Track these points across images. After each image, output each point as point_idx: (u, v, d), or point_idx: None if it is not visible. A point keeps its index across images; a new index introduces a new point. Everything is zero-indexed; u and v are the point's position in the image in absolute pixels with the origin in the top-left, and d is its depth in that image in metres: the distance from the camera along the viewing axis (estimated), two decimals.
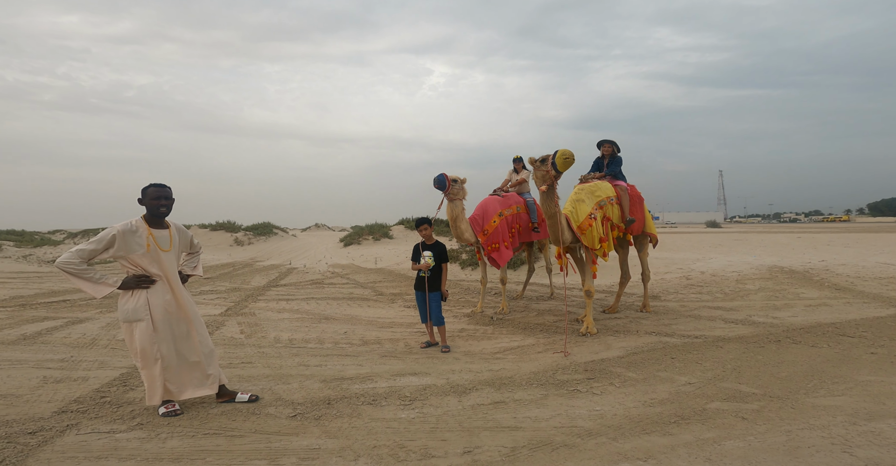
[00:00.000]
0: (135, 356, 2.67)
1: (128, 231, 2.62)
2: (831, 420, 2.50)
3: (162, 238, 2.74)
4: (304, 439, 2.43)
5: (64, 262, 2.51)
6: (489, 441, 2.37)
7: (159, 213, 2.75)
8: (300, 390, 3.16)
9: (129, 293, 2.65)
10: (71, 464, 2.08)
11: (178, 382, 2.73)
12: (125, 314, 2.64)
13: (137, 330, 2.63)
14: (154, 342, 2.64)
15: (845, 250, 11.98)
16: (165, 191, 2.77)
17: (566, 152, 4.09)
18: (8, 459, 2.09)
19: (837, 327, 4.68)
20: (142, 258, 2.65)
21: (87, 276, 2.54)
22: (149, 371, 2.64)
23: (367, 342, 4.62)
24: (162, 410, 2.69)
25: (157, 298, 2.69)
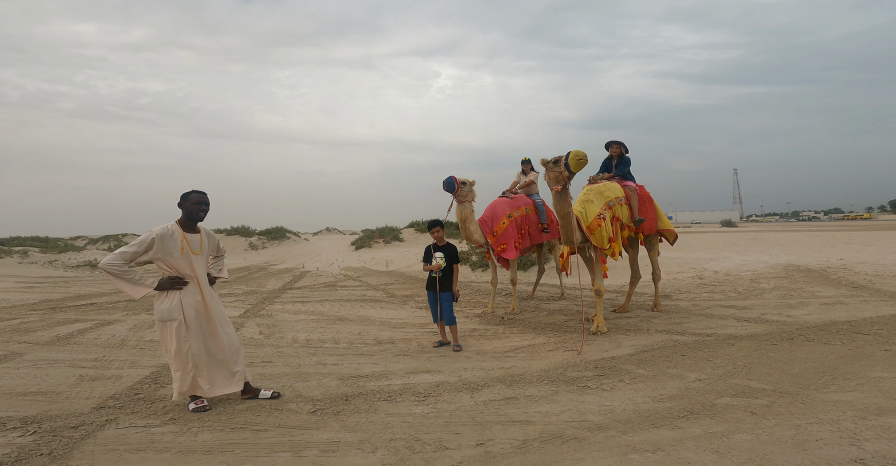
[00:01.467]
0: (168, 353, 2.84)
1: (165, 235, 2.79)
2: (841, 415, 2.53)
3: (194, 242, 2.91)
4: (324, 433, 2.55)
5: (108, 263, 2.69)
6: (501, 435, 2.46)
7: (198, 217, 2.93)
8: (319, 387, 3.29)
9: (164, 294, 2.82)
10: (113, 456, 2.24)
11: (208, 379, 2.88)
12: (160, 314, 2.80)
13: (171, 329, 2.79)
14: (186, 340, 2.81)
15: (865, 249, 11.72)
16: (205, 197, 2.96)
17: (579, 153, 4.15)
18: (55, 451, 2.26)
19: (852, 324, 4.64)
20: (176, 261, 2.82)
21: (128, 277, 2.72)
22: (181, 368, 2.80)
23: (380, 341, 4.75)
24: (192, 406, 2.85)
25: (189, 298, 2.85)
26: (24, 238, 25.12)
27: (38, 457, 2.17)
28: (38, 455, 2.20)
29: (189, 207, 2.90)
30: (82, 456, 2.21)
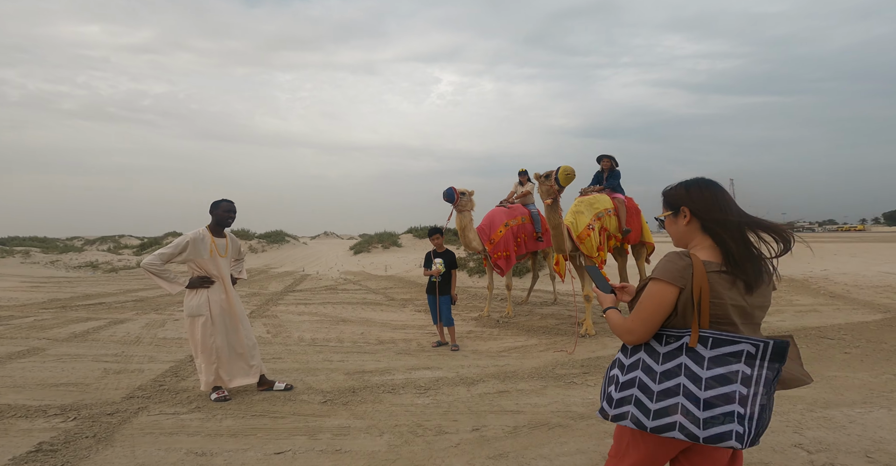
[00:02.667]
0: (195, 346, 3.13)
1: (197, 239, 3.11)
2: (791, 408, 2.87)
3: (221, 245, 3.22)
4: (335, 420, 2.85)
5: (149, 263, 3.00)
6: (494, 422, 2.77)
7: (227, 223, 3.25)
8: (327, 381, 3.59)
9: (194, 292, 3.13)
10: (150, 438, 2.52)
11: (229, 371, 3.18)
12: (189, 310, 3.11)
13: (199, 324, 3.10)
14: (212, 335, 3.11)
15: (851, 260, 12.10)
16: (234, 206, 3.28)
17: (567, 169, 4.53)
18: (98, 434, 2.54)
19: (820, 330, 5.00)
20: (205, 262, 3.13)
21: (165, 275, 3.03)
22: (206, 360, 3.10)
23: (382, 341, 5.05)
24: (213, 396, 3.14)
25: (215, 296, 3.16)
26: (23, 238, 25.22)
27: (84, 439, 2.45)
28: (84, 437, 2.48)
29: (220, 214, 3.22)
30: (123, 439, 2.50)
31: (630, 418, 1.29)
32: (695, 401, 1.22)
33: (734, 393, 1.20)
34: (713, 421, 1.19)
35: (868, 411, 2.82)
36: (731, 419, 1.18)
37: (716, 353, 1.24)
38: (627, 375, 1.36)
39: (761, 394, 1.20)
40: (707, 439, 1.19)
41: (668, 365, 1.29)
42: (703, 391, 1.22)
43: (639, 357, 1.35)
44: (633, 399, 1.30)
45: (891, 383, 3.35)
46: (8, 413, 2.80)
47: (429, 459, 2.33)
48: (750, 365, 1.21)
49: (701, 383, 1.23)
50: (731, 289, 1.26)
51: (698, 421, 1.20)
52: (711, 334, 1.24)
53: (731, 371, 1.22)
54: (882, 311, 6.00)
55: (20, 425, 2.64)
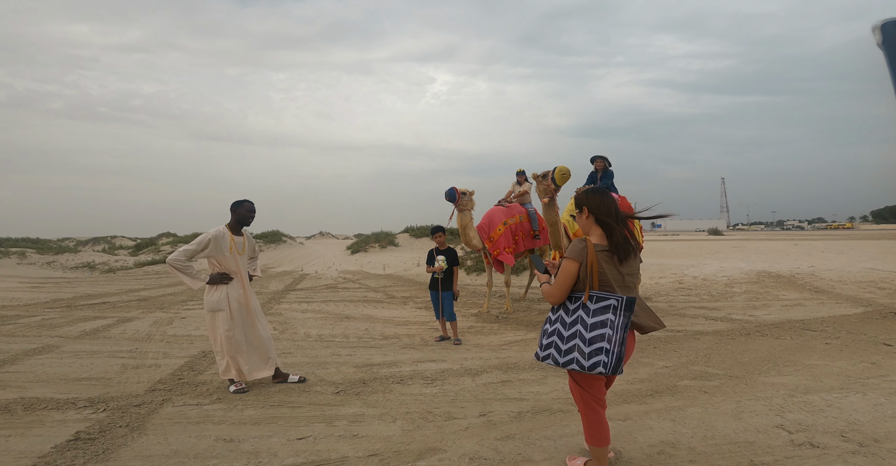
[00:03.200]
0: (214, 339, 3.29)
1: (219, 236, 3.26)
2: (774, 394, 3.09)
3: (239, 243, 3.38)
4: (349, 408, 3.03)
5: (174, 259, 3.15)
6: (499, 408, 2.97)
7: (247, 222, 3.42)
8: (337, 373, 3.76)
9: (213, 288, 3.28)
10: (179, 427, 2.68)
11: (248, 363, 3.34)
12: (210, 305, 3.26)
13: (218, 318, 3.25)
14: (231, 329, 3.27)
15: (838, 257, 12.46)
16: (254, 206, 3.44)
17: (563, 169, 4.75)
18: (131, 423, 2.69)
19: (804, 323, 5.25)
20: (225, 259, 3.29)
21: (189, 271, 3.18)
22: (226, 353, 3.26)
23: (386, 336, 5.22)
24: (232, 388, 3.30)
25: (234, 292, 3.32)
26: (16, 239, 25.01)
27: (119, 428, 2.60)
28: (118, 426, 2.63)
29: (242, 213, 3.38)
30: (154, 428, 2.66)
31: (551, 358, 1.91)
32: (584, 341, 1.83)
33: (605, 334, 1.81)
34: (593, 355, 1.81)
35: (844, 396, 3.04)
36: (601, 352, 1.80)
37: (597, 306, 1.86)
38: (552, 328, 1.96)
39: (619, 335, 1.81)
40: (588, 368, 1.81)
41: (573, 317, 1.90)
42: (588, 332, 1.84)
43: (559, 314, 1.96)
44: (553, 344, 1.92)
45: (867, 371, 3.59)
46: (39, 406, 2.94)
47: (441, 441, 2.51)
48: (615, 314, 1.83)
49: (587, 327, 1.84)
50: (610, 262, 1.90)
51: (585, 355, 1.82)
52: (596, 293, 1.87)
53: (604, 318, 1.83)
54: (864, 305, 6.28)
55: (54, 416, 2.79)
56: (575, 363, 1.85)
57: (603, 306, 1.85)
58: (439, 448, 2.43)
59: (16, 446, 2.37)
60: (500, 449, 2.39)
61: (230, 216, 3.40)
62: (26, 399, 3.05)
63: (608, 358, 1.80)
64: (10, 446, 2.38)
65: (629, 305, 1.83)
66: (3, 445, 2.39)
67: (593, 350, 1.81)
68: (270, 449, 2.42)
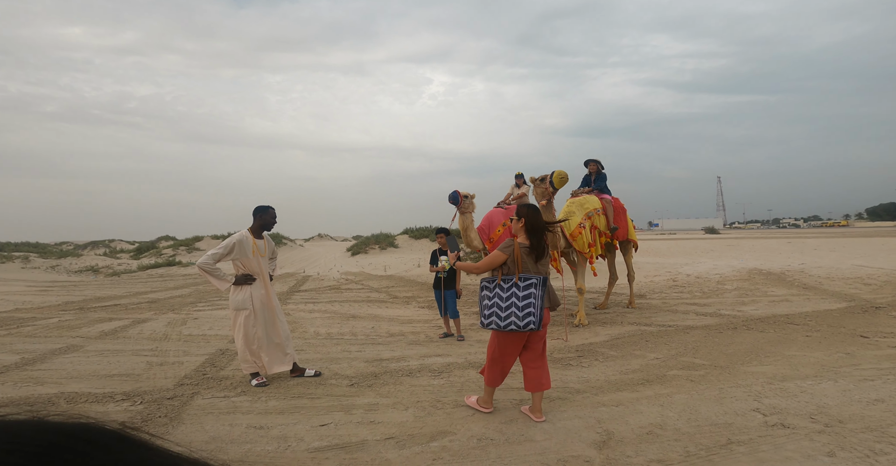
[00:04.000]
0: (238, 336, 3.54)
1: (243, 240, 3.52)
2: (753, 381, 3.37)
3: (260, 246, 3.64)
4: (364, 398, 3.28)
5: (203, 262, 3.40)
6: (503, 397, 3.23)
7: (270, 227, 3.68)
8: (349, 368, 4.02)
9: (238, 288, 3.53)
10: (212, 417, 2.92)
11: (268, 358, 3.59)
12: (235, 304, 3.51)
13: (242, 317, 3.50)
14: (254, 326, 3.52)
15: (829, 254, 12.78)
16: (275, 212, 3.69)
17: (561, 173, 5.02)
18: (168, 414, 2.93)
19: (788, 317, 5.55)
20: (249, 261, 3.54)
21: (217, 274, 3.43)
22: (248, 349, 3.51)
23: (392, 334, 5.48)
24: (254, 382, 3.55)
25: (257, 292, 3.57)
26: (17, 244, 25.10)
27: (159, 419, 2.85)
28: (158, 417, 2.88)
29: (266, 219, 3.64)
30: (190, 418, 2.90)
31: (493, 324, 2.72)
32: (518, 308, 2.66)
33: (532, 302, 2.65)
34: (525, 317, 2.64)
35: (818, 383, 3.33)
36: (531, 315, 2.64)
37: (525, 284, 2.69)
38: (490, 303, 2.76)
39: (540, 302, 2.66)
40: (523, 326, 2.65)
41: (508, 293, 2.71)
42: (521, 302, 2.67)
43: (495, 291, 2.77)
44: (494, 313, 2.72)
45: (841, 360, 3.87)
46: (80, 399, 3.18)
47: (450, 425, 2.77)
48: (536, 288, 2.67)
49: (520, 298, 2.67)
50: (529, 257, 2.78)
51: (520, 318, 2.64)
52: (523, 275, 2.71)
53: (530, 292, 2.67)
54: (848, 300, 6.58)
55: (96, 408, 3.03)
56: (513, 324, 2.67)
57: (528, 283, 2.70)
58: (449, 431, 2.69)
59: None
60: (504, 431, 2.66)
61: (253, 221, 3.65)
62: (66, 394, 3.29)
63: (535, 318, 2.66)
64: None
65: (545, 281, 2.75)
66: None
67: (525, 314, 2.66)
68: (297, 435, 2.67)
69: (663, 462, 2.24)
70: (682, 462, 2.24)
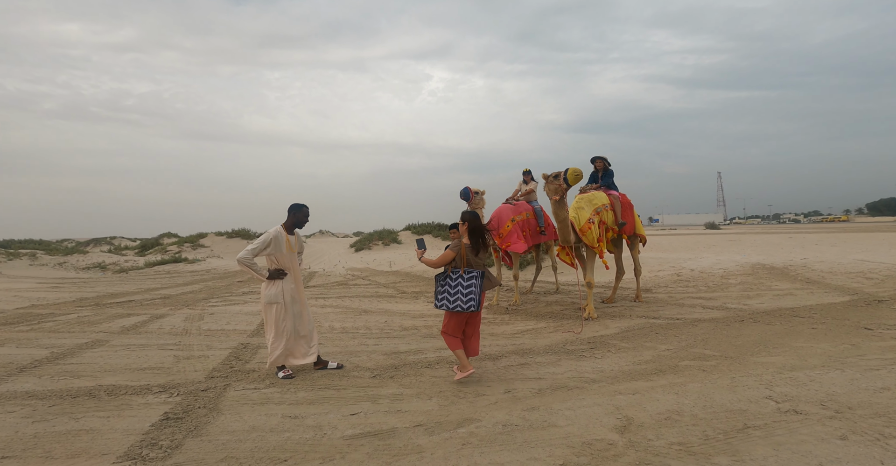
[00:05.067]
0: (269, 328, 3.66)
1: (278, 236, 3.64)
2: (764, 371, 3.49)
3: (292, 242, 3.77)
4: (388, 389, 3.41)
5: (243, 257, 3.52)
6: (521, 386, 3.36)
7: (302, 225, 3.82)
8: (369, 361, 4.14)
9: (271, 282, 3.66)
10: (247, 408, 3.04)
11: (295, 350, 3.72)
12: (267, 298, 3.64)
13: (274, 309, 3.63)
14: (284, 319, 3.64)
15: (831, 249, 12.87)
16: (309, 211, 3.84)
17: (576, 170, 5.14)
18: (206, 405, 3.05)
19: (793, 310, 5.67)
20: (282, 256, 3.67)
21: (255, 268, 3.56)
22: (278, 341, 3.63)
23: (406, 328, 5.60)
24: (281, 374, 3.67)
25: (287, 286, 3.70)
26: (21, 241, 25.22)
27: (198, 409, 2.97)
28: (197, 407, 3.00)
29: (300, 217, 3.78)
30: (227, 408, 3.02)
31: (444, 306, 3.46)
32: (463, 294, 3.42)
33: (472, 291, 3.41)
34: (468, 301, 3.40)
35: (826, 372, 3.45)
36: (472, 299, 3.40)
37: (469, 276, 3.45)
38: (441, 290, 3.51)
39: (479, 290, 3.41)
40: (466, 309, 3.41)
41: (455, 283, 3.46)
42: (465, 290, 3.43)
43: (445, 281, 3.50)
44: (444, 298, 3.47)
45: (847, 351, 4.00)
46: (120, 392, 3.31)
47: (475, 413, 2.90)
48: (478, 278, 3.44)
49: (464, 287, 3.43)
50: (472, 253, 3.49)
51: (464, 302, 3.41)
52: (468, 269, 3.47)
53: (472, 282, 3.43)
54: (851, 294, 6.70)
55: (137, 400, 3.15)
56: (458, 307, 3.42)
57: (471, 275, 3.46)
58: (475, 418, 2.82)
59: (119, 425, 2.74)
60: (527, 418, 2.78)
61: (287, 217, 3.79)
62: (104, 386, 3.42)
63: (475, 302, 3.42)
64: (113, 425, 2.75)
65: (483, 274, 3.50)
66: (108, 424, 2.76)
67: (468, 299, 3.42)
68: (330, 423, 2.80)
69: (684, 444, 2.37)
70: (702, 444, 2.36)
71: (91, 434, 2.64)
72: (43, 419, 2.86)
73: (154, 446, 2.47)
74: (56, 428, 2.72)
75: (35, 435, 2.63)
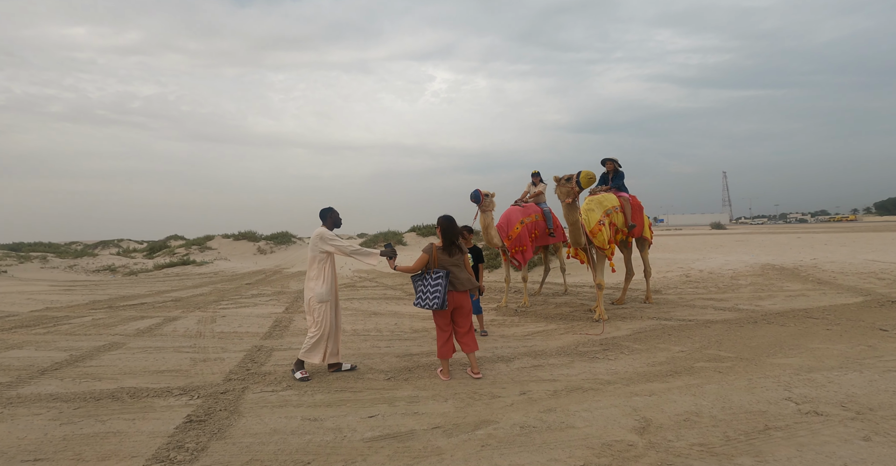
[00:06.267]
0: (318, 326, 3.73)
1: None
2: (781, 372, 3.48)
3: None
4: (403, 391, 3.43)
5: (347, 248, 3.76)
6: (536, 388, 3.36)
7: (340, 225, 3.96)
8: (383, 363, 4.17)
9: (324, 281, 3.78)
10: (266, 410, 3.07)
11: (333, 349, 3.83)
12: (319, 297, 3.75)
13: (325, 307, 3.74)
14: (331, 318, 3.75)
15: (840, 249, 12.75)
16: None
17: (589, 173, 5.15)
18: (227, 408, 3.08)
19: (807, 311, 5.64)
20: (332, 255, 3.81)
21: (363, 252, 3.79)
22: (324, 338, 3.72)
23: (416, 330, 5.63)
24: (298, 375, 3.71)
25: (334, 286, 3.83)
26: (31, 244, 25.51)
27: (220, 412, 3.00)
28: (219, 410, 3.03)
29: (336, 217, 3.93)
30: (247, 411, 3.05)
31: (418, 304, 3.70)
32: (431, 294, 3.63)
33: (438, 290, 3.61)
34: (434, 299, 3.61)
35: (844, 373, 3.43)
36: (437, 298, 3.59)
37: (436, 276, 3.65)
38: (418, 289, 3.74)
39: (444, 289, 3.61)
40: (433, 306, 3.61)
41: (426, 283, 3.69)
42: (432, 289, 3.64)
43: (419, 282, 3.75)
44: (419, 297, 3.71)
45: (864, 352, 3.97)
46: (142, 394, 3.35)
47: (491, 415, 2.91)
48: (444, 278, 3.64)
49: (431, 286, 3.64)
50: (444, 255, 3.72)
51: (430, 300, 3.62)
52: (435, 270, 3.68)
53: (439, 281, 3.63)
54: (864, 294, 6.65)
55: (159, 402, 3.20)
56: (430, 305, 3.64)
57: (438, 275, 3.65)
58: (492, 420, 2.83)
59: (144, 427, 2.78)
60: (545, 419, 2.79)
61: (324, 221, 3.91)
62: (126, 389, 3.46)
63: (440, 300, 3.60)
64: (139, 427, 2.79)
65: (448, 274, 3.67)
66: (134, 426, 2.80)
67: (434, 297, 3.61)
68: (349, 426, 2.82)
69: (705, 445, 2.37)
70: (724, 445, 2.36)
71: (119, 436, 2.68)
72: (70, 421, 2.90)
73: (181, 448, 2.50)
74: (84, 431, 2.77)
75: (64, 438, 2.67)
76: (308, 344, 3.74)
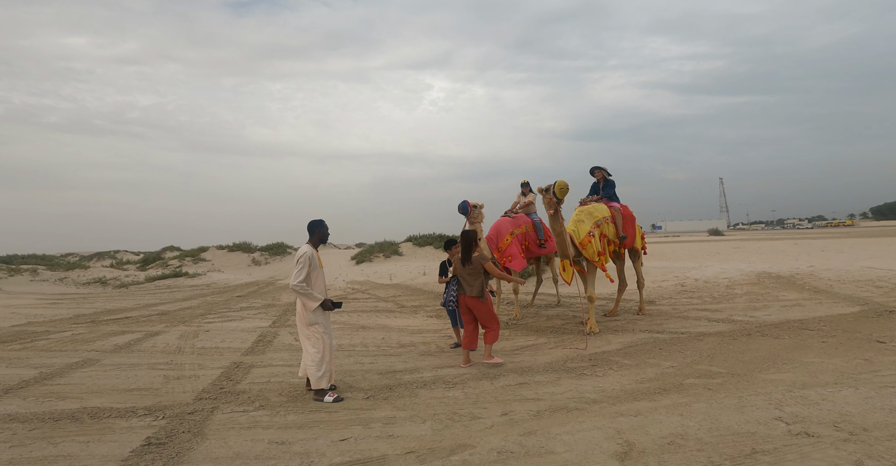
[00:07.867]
0: (316, 350, 3.56)
1: (311, 254, 3.61)
2: (773, 389, 3.35)
3: (320, 259, 3.71)
4: (381, 411, 3.28)
5: (299, 287, 3.50)
6: (519, 408, 3.22)
7: (326, 239, 3.80)
8: (364, 380, 4.02)
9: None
10: (234, 432, 2.93)
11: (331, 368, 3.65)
12: (310, 320, 3.59)
13: (318, 331, 3.59)
14: (327, 340, 3.59)
15: (837, 256, 12.65)
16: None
17: (562, 183, 5.10)
18: (191, 430, 2.93)
19: (802, 322, 5.51)
20: (316, 273, 3.65)
21: (312, 295, 3.52)
22: (323, 361, 3.55)
23: (403, 345, 5.48)
24: (329, 398, 3.48)
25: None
26: (23, 256, 25.33)
27: (182, 434, 2.86)
28: (182, 432, 2.89)
29: (324, 232, 3.76)
30: (212, 433, 2.91)
31: (442, 304, 4.97)
32: (446, 296, 4.87)
33: (451, 293, 4.78)
34: (448, 301, 4.82)
35: (838, 390, 3.30)
36: (452, 298, 4.73)
37: (452, 281, 4.79)
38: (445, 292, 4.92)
39: (455, 293, 4.66)
40: (444, 305, 4.92)
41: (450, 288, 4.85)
42: (448, 292, 4.85)
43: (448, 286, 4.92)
44: (446, 299, 4.85)
45: (860, 366, 3.84)
46: (104, 414, 3.20)
47: (469, 438, 2.77)
48: (452, 284, 4.80)
49: (447, 292, 4.87)
50: (459, 264, 4.48)
51: (445, 301, 4.88)
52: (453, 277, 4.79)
53: (452, 287, 4.80)
54: (861, 304, 6.53)
55: (120, 423, 3.05)
56: (449, 306, 4.82)
57: (452, 280, 4.69)
58: (469, 444, 2.69)
59: (98, 450, 2.64)
60: (524, 444, 2.65)
61: (311, 235, 3.73)
62: (88, 409, 3.31)
63: (448, 300, 4.77)
64: (93, 450, 2.64)
65: (455, 279, 4.58)
66: (87, 450, 2.66)
67: (447, 297, 4.80)
68: (318, 450, 2.68)
69: None
70: None
71: (68, 460, 2.53)
72: (21, 443, 2.76)
73: None
74: (32, 454, 2.62)
75: (10, 461, 2.52)
76: (314, 367, 3.55)
